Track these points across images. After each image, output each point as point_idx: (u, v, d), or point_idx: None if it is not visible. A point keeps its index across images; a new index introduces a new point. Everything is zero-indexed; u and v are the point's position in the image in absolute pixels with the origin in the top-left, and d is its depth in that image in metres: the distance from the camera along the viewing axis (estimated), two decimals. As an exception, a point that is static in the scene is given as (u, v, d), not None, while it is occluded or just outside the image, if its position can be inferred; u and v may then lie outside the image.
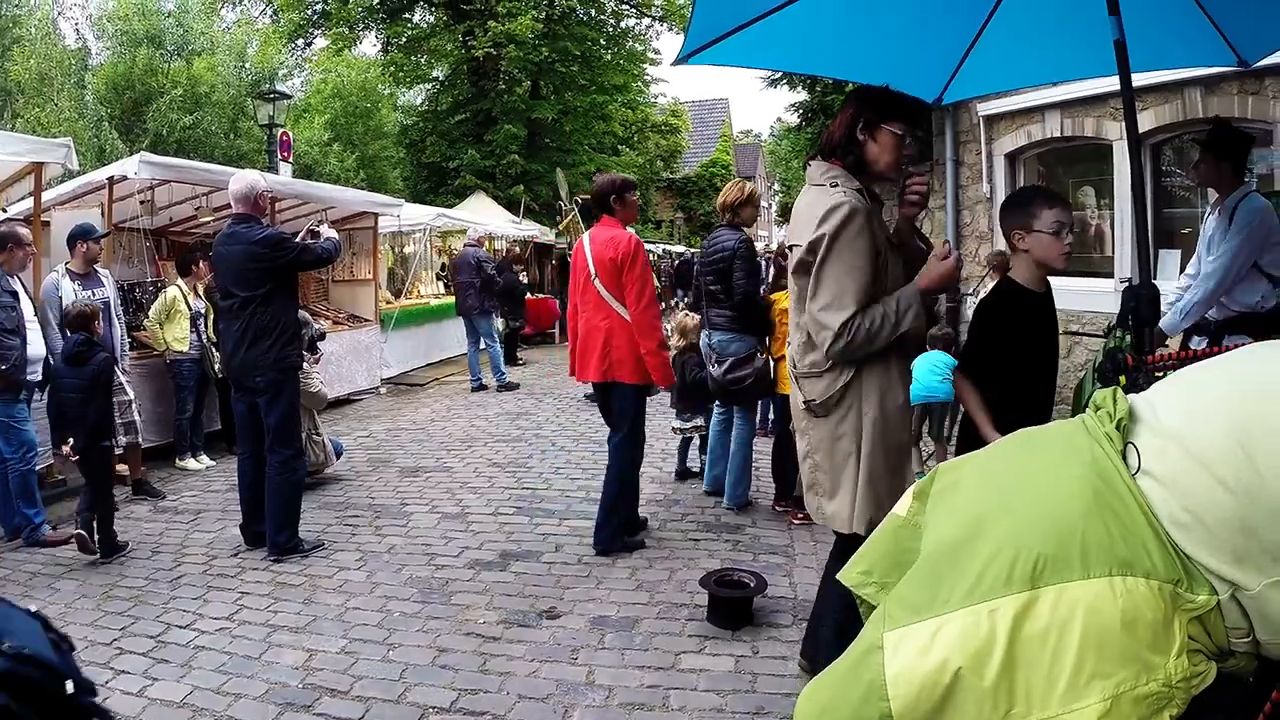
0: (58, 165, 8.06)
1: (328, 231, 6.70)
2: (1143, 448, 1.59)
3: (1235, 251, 4.71)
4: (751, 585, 4.90)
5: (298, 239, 6.44)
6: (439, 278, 18.57)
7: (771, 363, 6.60)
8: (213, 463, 9.02)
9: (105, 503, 6.27)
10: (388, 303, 14.50)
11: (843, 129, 3.36)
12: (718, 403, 6.99)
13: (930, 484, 1.86)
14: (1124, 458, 1.60)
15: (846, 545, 3.45)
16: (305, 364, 7.55)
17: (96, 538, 6.19)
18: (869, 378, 3.25)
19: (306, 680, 4.38)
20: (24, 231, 6.92)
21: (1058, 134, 10.17)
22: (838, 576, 1.95)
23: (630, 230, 5.96)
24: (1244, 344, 1.94)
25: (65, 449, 6.30)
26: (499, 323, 14.74)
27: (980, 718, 1.47)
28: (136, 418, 7.75)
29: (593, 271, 5.77)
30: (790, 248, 3.36)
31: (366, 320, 13.34)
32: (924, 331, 3.38)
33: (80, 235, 7.60)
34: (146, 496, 7.87)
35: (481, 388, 13.60)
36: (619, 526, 6.00)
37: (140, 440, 7.84)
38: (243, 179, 6.41)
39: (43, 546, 6.57)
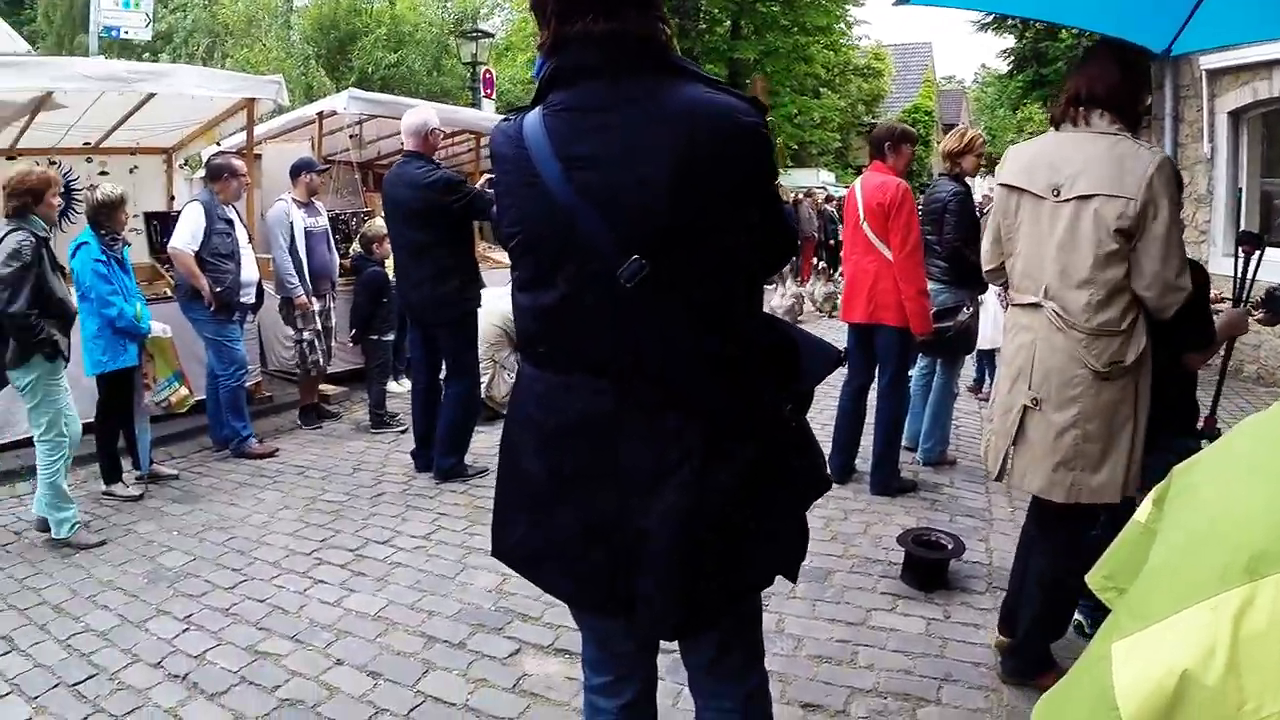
0: (269, 101, 8.51)
1: None
2: None
3: None
4: (949, 548, 4.76)
5: (477, 187, 6.44)
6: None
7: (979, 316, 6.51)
8: (406, 387, 9.33)
9: (373, 386, 8.04)
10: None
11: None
12: (921, 355, 6.82)
13: (1168, 489, 1.79)
14: None
15: (1050, 517, 3.44)
16: None
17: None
18: (1149, 344, 3.17)
19: (499, 603, 4.58)
20: (239, 163, 7.36)
21: None
22: (1086, 579, 1.91)
23: (899, 179, 5.95)
24: None
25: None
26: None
27: (1214, 717, 1.40)
28: (325, 345, 8.15)
29: (861, 215, 5.84)
30: (1084, 198, 3.13)
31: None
32: None
33: (303, 167, 7.98)
34: (321, 418, 8.34)
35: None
36: (894, 467, 6.11)
37: (313, 371, 8.21)
38: (418, 114, 6.49)
39: (248, 458, 7.09)
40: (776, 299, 13.34)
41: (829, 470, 2.39)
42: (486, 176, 6.83)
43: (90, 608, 4.55)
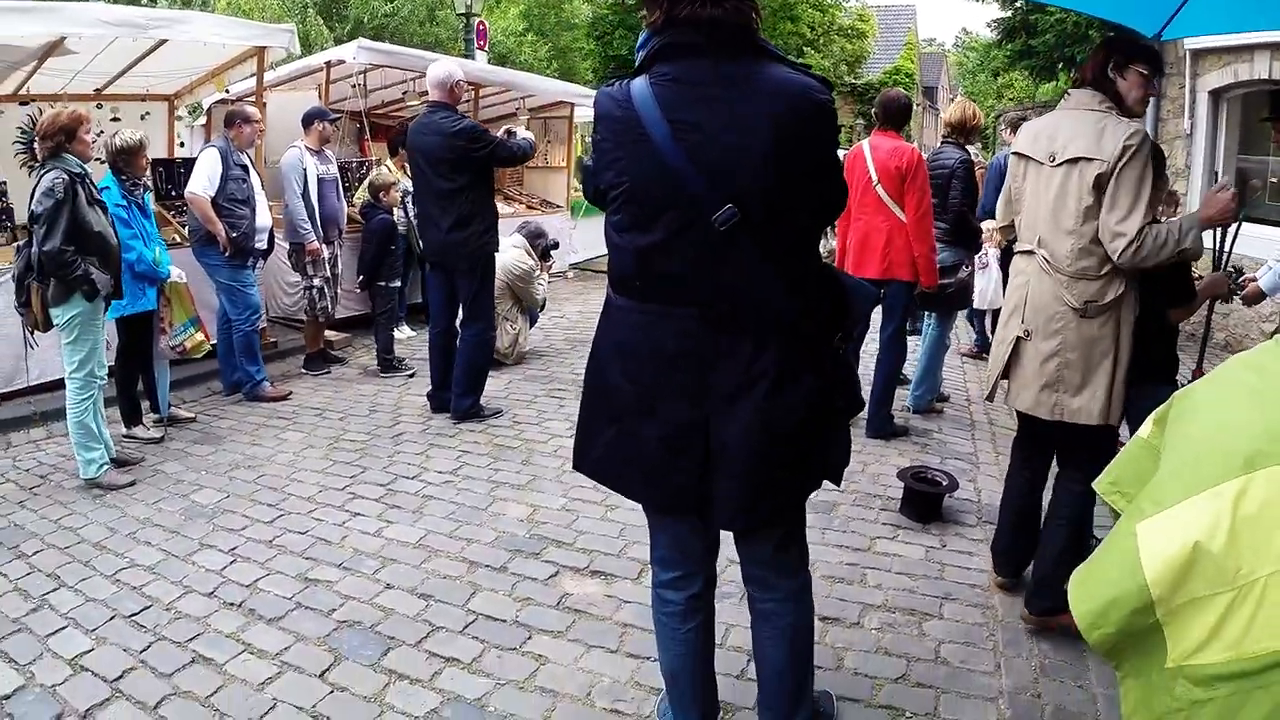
0: (280, 49, 8.50)
1: (523, 132, 6.96)
2: None
3: None
4: (944, 484, 5.10)
5: (497, 135, 6.66)
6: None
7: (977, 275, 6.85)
8: (414, 333, 9.56)
9: (380, 332, 8.22)
10: (576, 190, 14.73)
11: (1095, 69, 3.68)
12: (927, 313, 7.16)
13: (1168, 411, 2.16)
14: None
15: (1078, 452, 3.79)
16: (538, 269, 8.29)
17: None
18: (1132, 288, 3.58)
19: (532, 531, 4.82)
20: (252, 110, 7.45)
21: (1266, 76, 9.50)
22: (1094, 485, 2.29)
23: (912, 145, 6.23)
24: None
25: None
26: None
27: (1217, 578, 1.77)
28: (333, 292, 8.24)
29: (874, 178, 6.04)
30: (1072, 161, 3.57)
31: (558, 206, 13.67)
32: (1199, 256, 3.59)
33: (316, 116, 8.05)
34: (328, 363, 8.42)
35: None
36: (889, 416, 6.40)
37: (321, 317, 8.27)
38: (442, 66, 6.68)
39: (263, 401, 7.20)
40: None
41: None
42: (505, 129, 6.99)
43: (132, 544, 4.67)
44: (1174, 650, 1.83)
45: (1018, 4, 16.37)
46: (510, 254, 7.93)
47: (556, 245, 9.56)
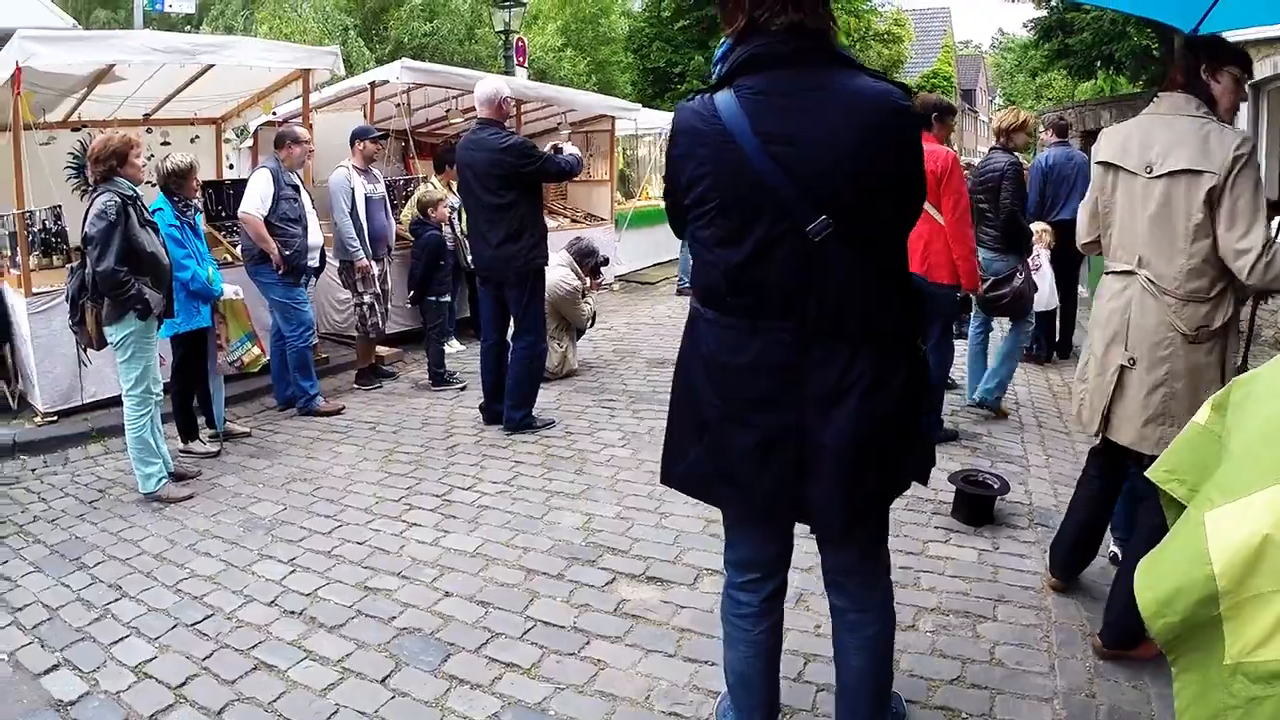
0: (325, 71, 8.63)
1: (570, 148, 7.01)
2: None
3: None
4: (995, 486, 5.05)
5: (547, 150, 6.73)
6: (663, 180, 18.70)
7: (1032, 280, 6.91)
8: (463, 348, 9.59)
9: (431, 346, 8.29)
10: (619, 203, 14.81)
11: (1188, 71, 3.53)
12: (975, 313, 7.19)
13: (1228, 396, 2.14)
14: None
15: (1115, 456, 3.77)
16: (583, 288, 8.29)
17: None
18: (1235, 311, 3.44)
19: (588, 539, 4.83)
20: (301, 130, 7.55)
21: None
22: (1148, 473, 2.26)
23: (948, 148, 6.18)
24: None
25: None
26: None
27: None
28: (383, 308, 8.30)
29: None
30: (1175, 174, 3.39)
31: (602, 219, 13.68)
32: None
33: (361, 135, 8.15)
34: (380, 378, 8.48)
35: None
36: (936, 417, 6.29)
37: (372, 333, 8.32)
38: (489, 84, 6.75)
39: (317, 415, 7.28)
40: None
41: None
42: (553, 145, 7.08)
43: (192, 555, 4.73)
44: (1233, 646, 1.81)
45: (1053, 3, 16.24)
46: (555, 273, 7.92)
47: (606, 261, 9.59)
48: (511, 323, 6.82)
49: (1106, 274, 3.73)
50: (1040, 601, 4.09)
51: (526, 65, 16.44)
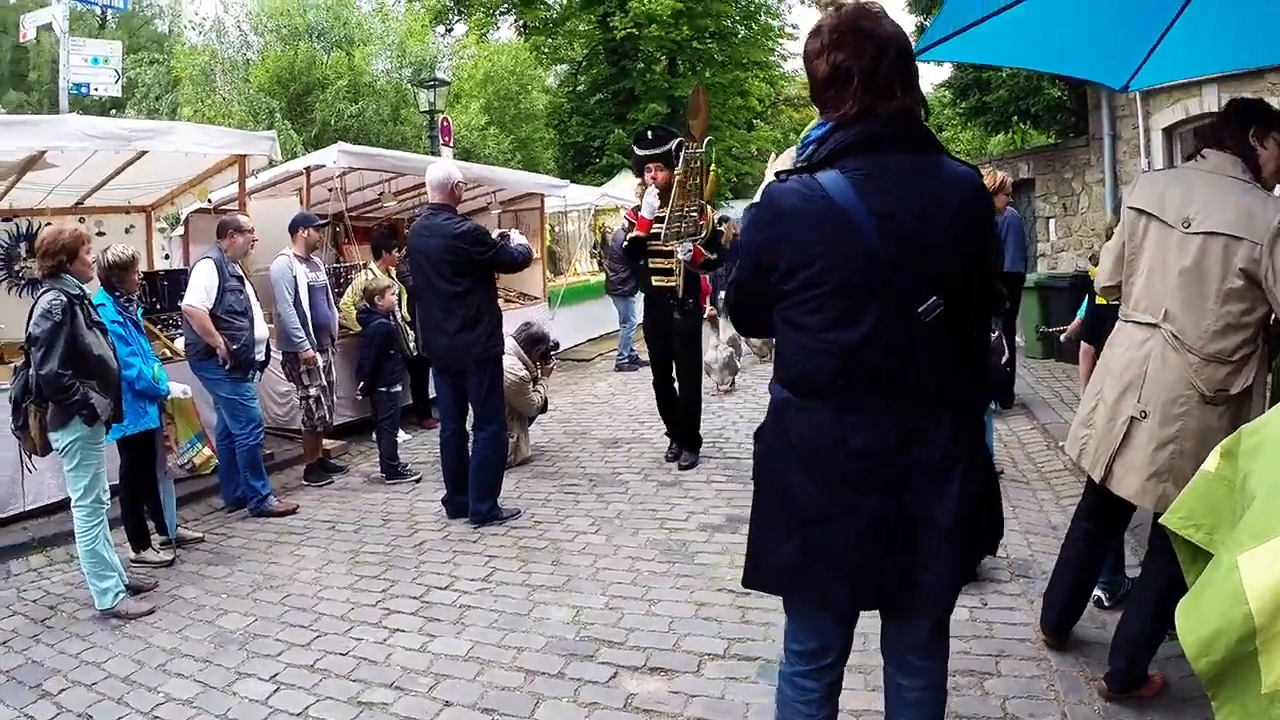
0: (262, 156, 8.47)
1: (518, 237, 6.93)
2: None
3: None
4: None
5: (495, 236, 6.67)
6: (592, 255, 18.76)
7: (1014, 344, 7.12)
8: (409, 436, 9.36)
9: (383, 438, 8.05)
10: (550, 280, 14.74)
11: (1236, 134, 3.54)
12: None
13: (1237, 443, 2.24)
14: None
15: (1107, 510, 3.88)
16: (531, 377, 8.14)
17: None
18: (1258, 378, 3.43)
19: (581, 634, 4.67)
20: (244, 219, 7.32)
21: (1215, 109, 9.64)
22: (1162, 520, 2.39)
23: None
24: None
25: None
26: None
27: None
28: (329, 400, 8.05)
29: None
30: (1213, 234, 3.38)
31: (535, 298, 13.62)
32: None
33: (302, 223, 7.92)
34: (329, 473, 8.21)
35: (632, 365, 13.27)
36: None
37: (320, 427, 8.07)
38: (441, 168, 6.69)
39: (270, 516, 6.98)
40: (711, 352, 10.79)
41: None
42: (499, 231, 7.03)
43: (163, 677, 4.43)
44: (1269, 676, 1.90)
45: (967, 66, 16.71)
46: (504, 362, 7.78)
47: (557, 346, 9.47)
48: (470, 412, 6.67)
49: (1126, 322, 3.72)
50: (1039, 652, 4.17)
51: (452, 144, 16.39)
